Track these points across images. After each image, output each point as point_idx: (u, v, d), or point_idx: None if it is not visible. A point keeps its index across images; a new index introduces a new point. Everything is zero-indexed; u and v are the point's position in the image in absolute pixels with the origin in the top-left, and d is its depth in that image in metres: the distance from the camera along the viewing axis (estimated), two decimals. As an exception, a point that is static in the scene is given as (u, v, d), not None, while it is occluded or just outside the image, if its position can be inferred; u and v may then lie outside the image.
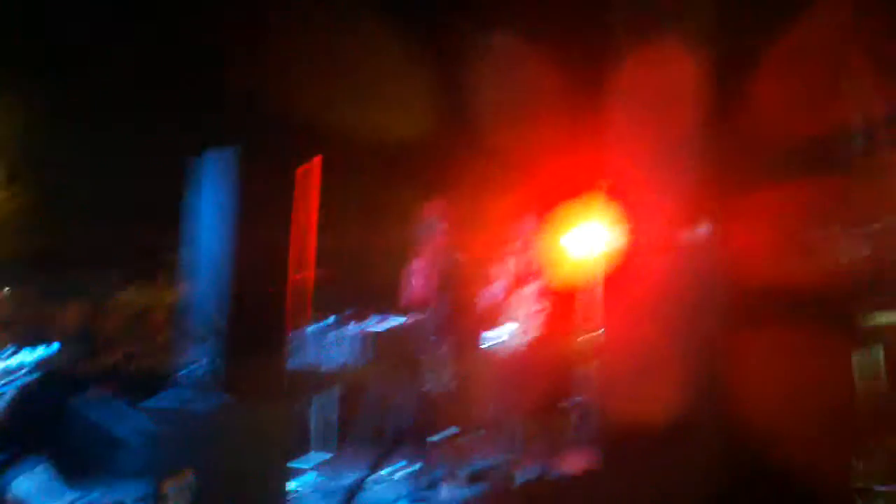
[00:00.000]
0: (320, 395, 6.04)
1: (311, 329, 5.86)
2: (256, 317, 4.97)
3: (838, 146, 4.30)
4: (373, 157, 7.54)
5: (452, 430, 5.93)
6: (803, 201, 4.06)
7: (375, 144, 7.51)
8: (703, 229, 4.11)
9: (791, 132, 4.02)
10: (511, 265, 6.15)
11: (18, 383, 4.09)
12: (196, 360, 4.90)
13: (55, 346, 4.07)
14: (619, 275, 4.47)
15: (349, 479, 5.65)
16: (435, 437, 6.08)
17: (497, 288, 6.22)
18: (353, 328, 5.80)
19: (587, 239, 7.65)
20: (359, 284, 6.76)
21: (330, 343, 5.81)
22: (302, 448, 5.46)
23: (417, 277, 5.91)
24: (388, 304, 6.09)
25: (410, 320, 5.84)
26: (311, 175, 5.17)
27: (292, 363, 5.47)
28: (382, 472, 6.72)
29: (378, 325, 5.88)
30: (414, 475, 6.06)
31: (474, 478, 6.48)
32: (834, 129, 4.22)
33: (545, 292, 6.05)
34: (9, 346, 4.14)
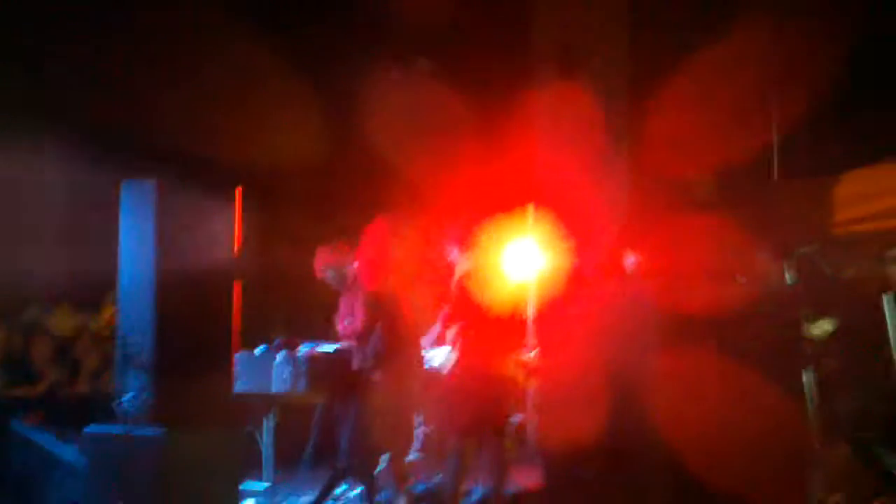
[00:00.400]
0: (259, 422, 5.96)
1: (243, 356, 5.78)
2: (197, 343, 4.90)
3: (754, 173, 4.41)
4: (292, 188, 7.52)
5: (394, 452, 5.91)
6: (725, 227, 4.14)
7: (297, 174, 7.48)
8: (630, 256, 4.17)
9: (709, 160, 4.10)
10: (442, 288, 6.14)
11: None
12: (133, 389, 4.80)
13: None
14: (551, 299, 4.51)
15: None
16: (377, 461, 6.05)
17: (429, 311, 6.21)
18: (285, 355, 5.73)
19: (519, 262, 7.72)
20: (283, 313, 6.74)
21: (265, 369, 5.74)
22: (243, 476, 5.37)
23: (344, 305, 5.88)
24: (313, 332, 6.07)
25: (343, 346, 5.81)
26: (232, 205, 5.11)
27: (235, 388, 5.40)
28: (325, 498, 6.68)
29: (311, 350, 5.83)
30: (358, 499, 6.03)
31: (418, 500, 6.47)
32: (749, 156, 4.31)
33: (476, 315, 6.04)
34: None
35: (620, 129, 4.51)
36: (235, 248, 5.12)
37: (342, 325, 5.86)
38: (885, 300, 4.60)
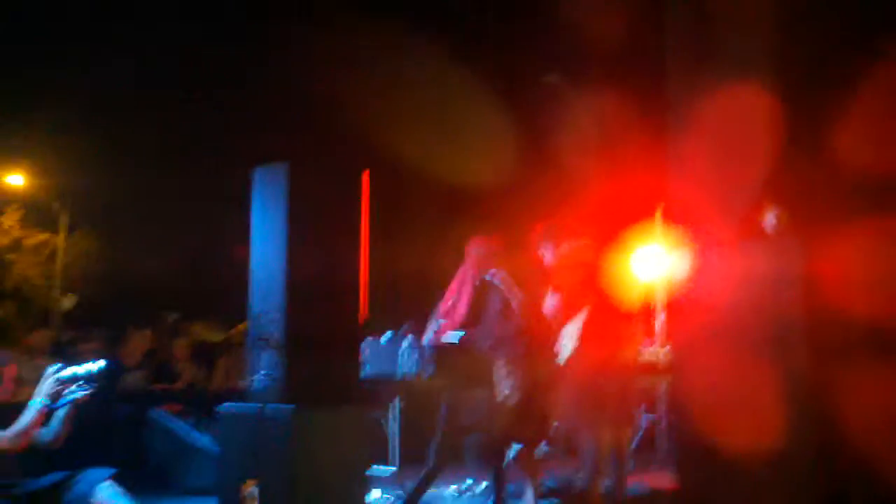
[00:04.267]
0: (385, 408, 6.01)
1: (369, 342, 5.84)
2: (328, 326, 4.97)
3: None
4: (423, 178, 7.63)
5: (523, 444, 5.82)
6: (886, 232, 3.85)
7: (429, 167, 7.59)
8: (771, 213, 3.94)
9: (871, 162, 3.82)
10: (573, 283, 6.05)
11: (75, 397, 4.14)
12: (266, 370, 4.90)
13: (103, 363, 4.11)
14: (689, 297, 4.33)
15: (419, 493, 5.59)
16: (507, 452, 5.98)
17: (558, 304, 6.12)
18: (411, 341, 5.76)
19: (652, 260, 7.57)
20: (408, 301, 6.78)
21: (391, 356, 5.79)
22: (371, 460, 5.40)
23: (454, 285, 5.86)
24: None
25: (471, 334, 5.78)
26: (362, 189, 5.18)
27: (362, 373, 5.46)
28: (453, 488, 6.64)
29: (440, 338, 5.83)
30: (486, 491, 5.96)
31: (548, 494, 6.34)
32: None
33: (607, 310, 5.93)
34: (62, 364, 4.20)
35: (772, 125, 4.22)
36: (363, 233, 5.19)
37: (445, 304, 5.84)
38: None
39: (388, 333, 5.94)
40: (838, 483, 3.63)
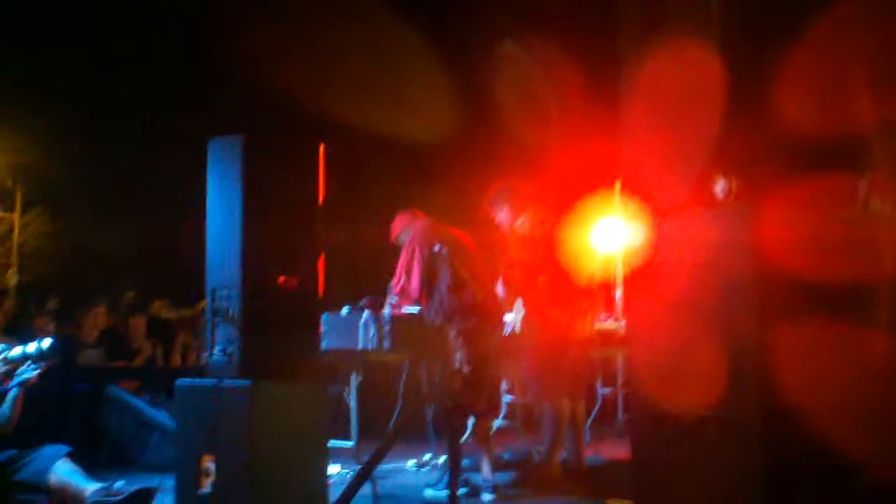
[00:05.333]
0: (345, 381, 6.01)
1: (329, 316, 5.84)
2: (285, 300, 4.94)
3: (870, 139, 4.10)
4: (376, 150, 7.61)
5: (478, 417, 5.86)
6: (836, 194, 3.90)
7: (381, 137, 7.57)
8: (720, 181, 3.98)
9: (817, 124, 3.86)
10: (528, 256, 6.08)
11: (26, 377, 4.08)
12: (223, 345, 4.86)
13: (51, 341, 4.06)
14: (643, 268, 4.36)
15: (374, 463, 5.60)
16: (465, 426, 6.02)
17: (512, 278, 6.16)
18: (370, 315, 5.76)
19: (607, 231, 7.63)
20: (366, 274, 6.78)
21: (351, 329, 5.78)
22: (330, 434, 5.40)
23: (400, 265, 5.87)
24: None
25: (424, 308, 5.79)
26: (319, 162, 5.14)
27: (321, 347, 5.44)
28: (412, 462, 6.68)
29: (396, 311, 5.84)
30: (445, 464, 5.99)
31: (506, 467, 6.41)
32: (860, 124, 4.03)
33: (564, 283, 5.98)
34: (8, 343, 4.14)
35: (722, 90, 4.25)
36: (319, 205, 5.16)
37: (397, 283, 5.86)
38: None
39: (347, 307, 5.93)
40: (781, 443, 3.70)
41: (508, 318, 6.37)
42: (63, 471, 4.23)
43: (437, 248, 5.68)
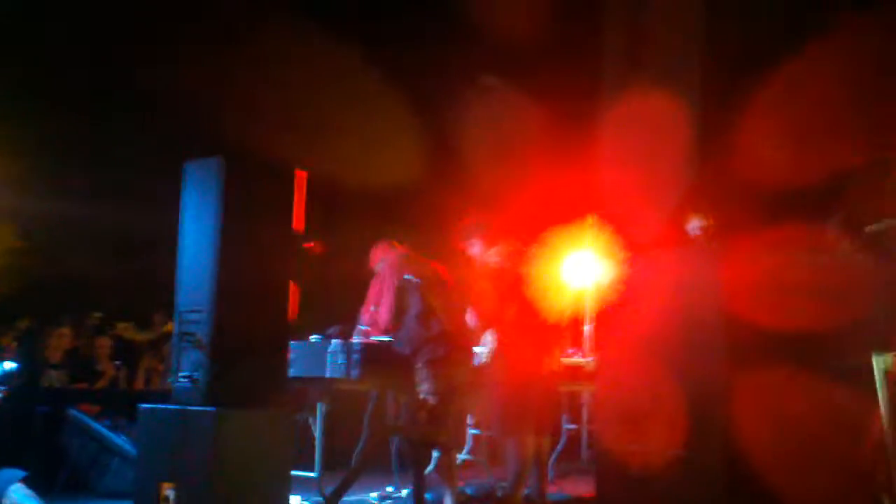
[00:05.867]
0: (312, 409, 5.96)
1: (298, 344, 5.80)
2: (255, 326, 4.90)
3: (833, 185, 4.18)
4: (355, 180, 7.63)
5: (443, 450, 5.83)
6: (800, 239, 3.97)
7: (360, 169, 7.60)
8: (694, 220, 4.04)
9: (784, 172, 3.95)
10: (497, 288, 6.10)
11: None
12: (189, 371, 4.81)
13: (14, 365, 4.01)
14: (613, 305, 4.39)
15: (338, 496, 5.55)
16: (427, 457, 5.98)
17: (481, 310, 6.17)
18: (340, 343, 5.73)
19: (579, 266, 7.67)
20: (337, 303, 6.77)
21: (320, 357, 5.75)
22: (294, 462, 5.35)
23: (372, 292, 5.88)
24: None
25: (395, 339, 5.78)
26: (296, 190, 5.14)
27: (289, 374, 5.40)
28: (374, 494, 6.61)
29: (366, 340, 5.82)
30: (408, 497, 5.94)
31: (468, 502, 6.36)
32: (827, 169, 4.11)
33: (532, 318, 5.99)
34: None
35: (693, 136, 4.33)
36: (296, 232, 5.15)
37: (367, 312, 5.85)
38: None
39: (317, 336, 5.90)
40: (745, 486, 3.73)
41: (479, 350, 6.37)
42: (18, 495, 4.16)
43: (407, 276, 5.69)
